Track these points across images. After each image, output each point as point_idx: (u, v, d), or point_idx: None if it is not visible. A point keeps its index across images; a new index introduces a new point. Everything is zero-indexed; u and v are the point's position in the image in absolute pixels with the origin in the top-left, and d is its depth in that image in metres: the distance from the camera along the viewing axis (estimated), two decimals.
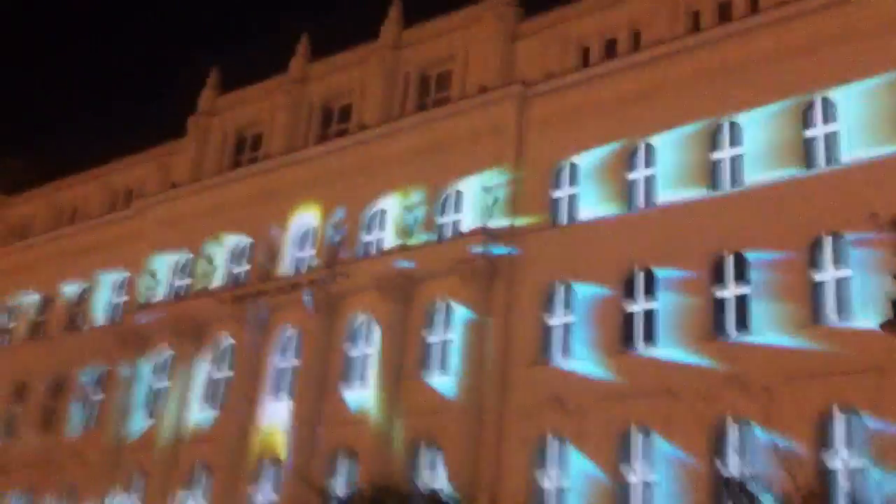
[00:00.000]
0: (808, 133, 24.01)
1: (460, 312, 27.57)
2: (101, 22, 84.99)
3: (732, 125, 25.33)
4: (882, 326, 15.32)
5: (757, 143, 24.55)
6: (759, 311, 22.93)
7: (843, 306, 22.09)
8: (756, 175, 24.21)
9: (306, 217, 32.75)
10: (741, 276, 23.72)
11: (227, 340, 32.76)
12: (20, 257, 41.87)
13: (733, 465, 21.88)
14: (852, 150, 23.00)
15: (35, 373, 38.04)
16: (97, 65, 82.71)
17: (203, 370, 32.85)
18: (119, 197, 40.57)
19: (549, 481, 24.55)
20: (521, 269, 27.09)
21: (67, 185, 43.29)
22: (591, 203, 26.91)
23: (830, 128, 23.81)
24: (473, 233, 27.86)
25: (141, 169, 40.15)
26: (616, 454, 23.62)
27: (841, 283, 22.30)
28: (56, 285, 39.93)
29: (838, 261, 22.45)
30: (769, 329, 22.51)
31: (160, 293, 35.31)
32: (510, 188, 28.16)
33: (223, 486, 29.80)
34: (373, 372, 28.63)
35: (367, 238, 31.27)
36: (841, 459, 20.61)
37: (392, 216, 30.50)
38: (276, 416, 29.99)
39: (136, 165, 40.55)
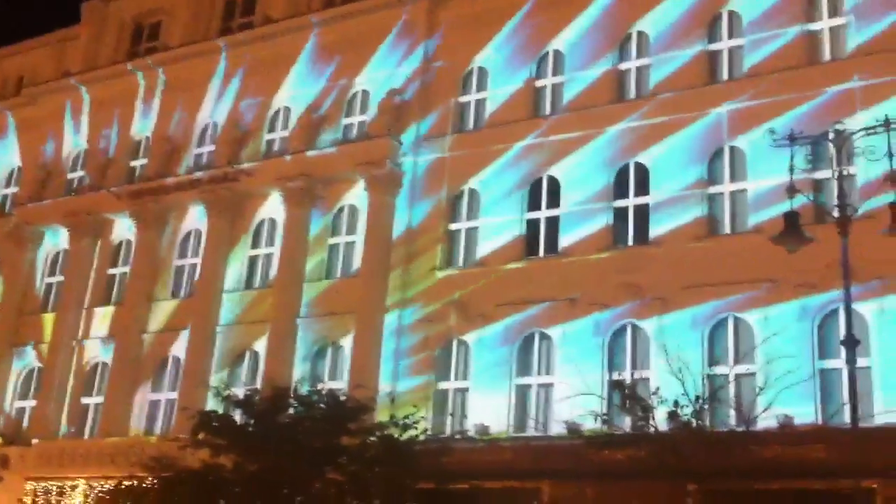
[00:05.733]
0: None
1: (364, 215, 27.32)
2: None
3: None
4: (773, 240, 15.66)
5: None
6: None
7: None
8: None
9: (208, 112, 31.82)
10: (642, 187, 24.00)
11: (125, 236, 31.93)
12: None
13: (626, 371, 22.50)
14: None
15: None
16: None
17: (99, 266, 32.05)
18: (10, 84, 38.82)
19: (449, 383, 24.93)
20: (428, 173, 26.85)
21: None
22: (500, 108, 26.70)
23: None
24: (380, 135, 27.38)
25: (34, 56, 38.33)
26: (516, 358, 24.04)
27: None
28: None
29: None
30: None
31: (54, 185, 34.12)
32: (418, 90, 27.73)
33: (120, 385, 29.36)
34: (273, 273, 28.33)
35: (269, 136, 30.60)
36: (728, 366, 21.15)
37: (296, 114, 29.82)
38: (172, 316, 29.58)
39: (29, 52, 38.68)
